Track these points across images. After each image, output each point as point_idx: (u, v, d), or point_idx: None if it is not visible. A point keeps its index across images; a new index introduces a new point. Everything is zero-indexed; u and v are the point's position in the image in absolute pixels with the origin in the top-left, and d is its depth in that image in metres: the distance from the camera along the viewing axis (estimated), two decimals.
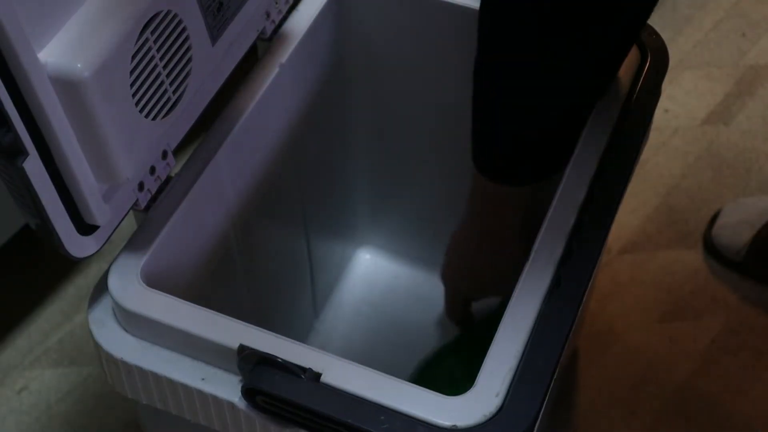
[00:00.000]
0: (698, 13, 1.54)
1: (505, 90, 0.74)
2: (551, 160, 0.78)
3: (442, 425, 0.63)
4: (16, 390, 1.17)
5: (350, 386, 0.65)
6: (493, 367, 0.66)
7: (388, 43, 0.96)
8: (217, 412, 0.69)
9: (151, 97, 0.68)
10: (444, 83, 0.95)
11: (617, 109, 0.80)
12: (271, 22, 0.86)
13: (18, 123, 0.60)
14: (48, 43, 0.62)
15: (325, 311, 1.15)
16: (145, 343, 0.70)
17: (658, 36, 0.84)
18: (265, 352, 0.66)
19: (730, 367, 1.17)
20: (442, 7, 0.89)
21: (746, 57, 1.49)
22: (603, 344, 1.18)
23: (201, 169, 0.78)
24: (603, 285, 1.23)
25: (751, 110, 1.42)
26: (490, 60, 0.73)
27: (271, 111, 0.86)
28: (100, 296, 0.73)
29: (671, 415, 1.13)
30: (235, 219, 0.87)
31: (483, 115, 0.77)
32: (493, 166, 0.80)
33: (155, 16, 0.66)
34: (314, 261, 1.08)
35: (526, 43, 0.69)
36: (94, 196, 0.67)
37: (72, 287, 1.25)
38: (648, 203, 1.31)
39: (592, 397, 1.15)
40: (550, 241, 0.72)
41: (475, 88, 0.75)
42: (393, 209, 1.14)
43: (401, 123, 1.03)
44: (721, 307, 1.22)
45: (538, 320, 0.68)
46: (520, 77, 0.72)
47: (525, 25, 0.68)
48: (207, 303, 0.71)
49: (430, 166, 1.06)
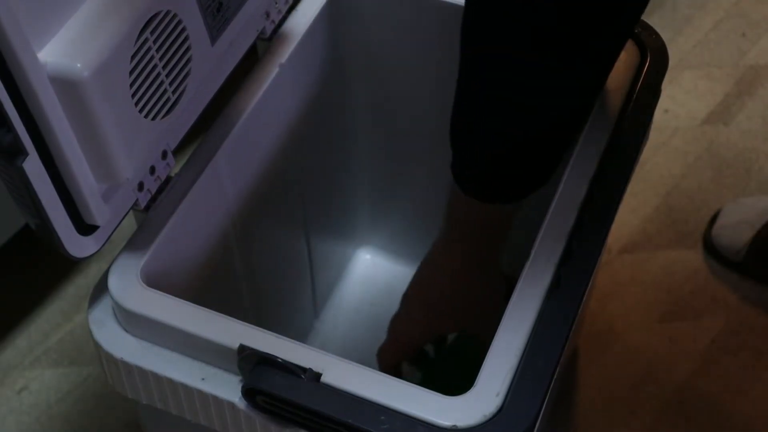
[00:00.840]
0: (698, 13, 1.54)
1: (490, 82, 0.71)
2: (537, 168, 0.76)
3: (442, 425, 0.63)
4: (16, 390, 1.17)
5: (350, 386, 0.65)
6: (493, 367, 0.66)
7: (388, 43, 0.95)
8: (218, 412, 0.69)
9: (151, 97, 0.68)
10: (444, 83, 0.95)
11: (617, 109, 0.80)
12: (271, 22, 0.86)
13: (18, 123, 0.60)
14: (48, 43, 0.62)
15: (325, 311, 1.15)
16: (145, 343, 0.70)
17: (658, 36, 0.84)
18: (265, 352, 0.66)
19: (730, 367, 1.17)
20: (442, 7, 0.89)
21: (746, 57, 1.49)
22: (603, 344, 1.18)
23: (201, 169, 0.78)
24: (603, 285, 1.23)
25: (751, 110, 1.42)
26: (474, 52, 0.72)
27: (271, 111, 0.86)
28: (100, 296, 0.73)
29: (671, 415, 1.13)
30: (235, 219, 0.87)
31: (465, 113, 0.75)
32: (475, 179, 0.77)
33: (155, 16, 0.66)
34: (314, 261, 1.08)
35: (515, 38, 0.68)
36: (93, 196, 0.67)
37: (72, 287, 1.25)
38: (648, 203, 1.31)
39: (592, 397, 1.15)
40: (550, 241, 0.72)
41: (459, 84, 0.73)
42: (393, 209, 1.14)
43: (401, 123, 1.03)
44: (721, 307, 1.22)
45: (538, 320, 0.68)
46: (507, 71, 0.70)
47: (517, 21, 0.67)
48: (207, 303, 0.71)
49: (430, 166, 1.06)
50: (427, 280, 0.85)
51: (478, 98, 0.73)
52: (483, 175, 0.77)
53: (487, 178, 0.77)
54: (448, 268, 0.84)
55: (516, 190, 0.77)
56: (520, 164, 0.76)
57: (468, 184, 0.78)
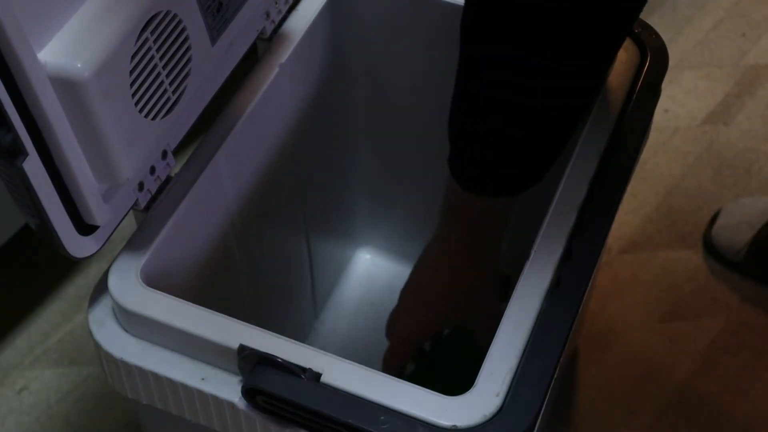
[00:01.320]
0: (698, 13, 1.54)
1: (489, 81, 0.71)
2: (535, 164, 0.76)
3: (442, 425, 0.63)
4: (16, 390, 1.17)
5: (350, 386, 0.65)
6: (493, 367, 0.66)
7: (388, 43, 0.95)
8: (217, 412, 0.69)
9: (151, 97, 0.68)
10: (444, 83, 0.95)
11: (617, 109, 0.80)
12: (271, 22, 0.86)
13: (18, 123, 0.60)
14: (48, 43, 0.62)
15: (325, 311, 1.15)
16: (145, 343, 0.70)
17: (658, 36, 0.84)
18: (265, 352, 0.66)
19: (730, 367, 1.17)
20: (442, 7, 0.89)
21: (746, 57, 1.49)
22: (603, 344, 1.18)
23: (201, 169, 0.78)
24: (603, 285, 1.23)
25: (751, 110, 1.42)
26: (473, 52, 0.72)
27: (271, 111, 0.86)
28: (100, 296, 0.73)
29: (671, 415, 1.13)
30: (235, 219, 0.87)
31: (465, 111, 0.75)
32: (472, 174, 0.78)
33: (155, 16, 0.66)
34: (314, 261, 1.08)
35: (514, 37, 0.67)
36: (94, 196, 0.67)
37: (72, 287, 1.25)
38: (648, 203, 1.31)
39: (592, 397, 1.15)
40: (550, 241, 0.72)
41: (458, 81, 0.73)
42: (393, 209, 1.14)
43: (401, 123, 1.03)
44: (721, 307, 1.22)
45: (538, 320, 0.68)
46: (506, 70, 0.70)
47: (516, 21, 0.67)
48: (207, 303, 0.71)
49: (430, 167, 1.06)
50: (424, 277, 0.86)
51: (477, 97, 0.73)
52: (480, 171, 0.77)
53: (484, 174, 0.77)
54: (444, 264, 0.84)
55: (514, 185, 0.78)
56: (518, 161, 0.76)
57: (465, 178, 0.78)
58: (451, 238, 0.83)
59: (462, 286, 0.84)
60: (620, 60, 0.82)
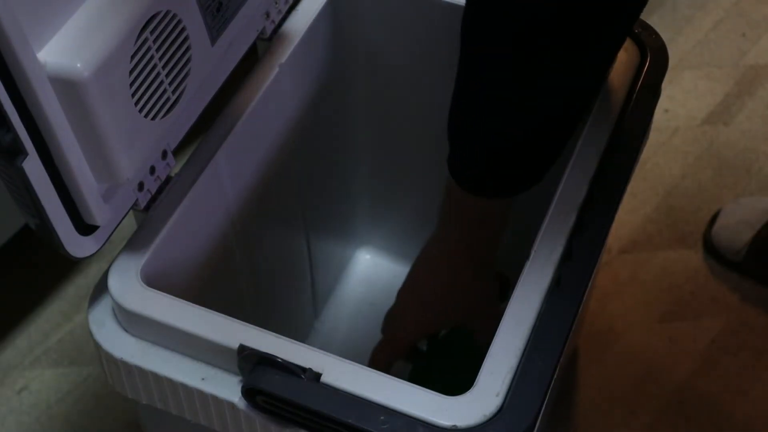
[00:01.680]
0: (698, 13, 1.54)
1: (490, 81, 0.71)
2: (534, 164, 0.76)
3: (442, 425, 0.63)
4: (16, 390, 1.17)
5: (350, 386, 0.65)
6: (493, 367, 0.66)
7: (388, 43, 0.95)
8: (217, 412, 0.69)
9: (151, 97, 0.68)
10: (444, 83, 0.95)
11: (617, 109, 0.80)
12: (271, 22, 0.86)
13: (17, 123, 0.60)
14: (47, 43, 0.62)
15: (325, 311, 1.15)
16: (145, 343, 0.70)
17: (658, 36, 0.84)
18: (265, 352, 0.66)
19: (730, 367, 1.17)
20: (442, 7, 0.89)
21: (746, 57, 1.49)
22: (603, 344, 1.18)
23: (201, 169, 0.78)
24: (603, 285, 1.23)
25: (751, 110, 1.42)
26: (474, 51, 0.72)
27: (271, 111, 0.86)
28: (100, 296, 0.73)
29: (671, 415, 1.13)
30: (235, 219, 0.87)
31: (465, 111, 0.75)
32: (471, 173, 0.78)
33: (155, 16, 0.66)
34: (314, 261, 1.08)
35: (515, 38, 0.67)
36: (93, 196, 0.67)
37: (72, 287, 1.25)
38: (648, 203, 1.31)
39: (592, 397, 1.15)
40: (550, 241, 0.72)
41: (458, 81, 0.73)
42: (393, 209, 1.14)
43: (401, 123, 1.03)
44: (721, 307, 1.22)
45: (538, 320, 0.68)
46: (506, 70, 0.70)
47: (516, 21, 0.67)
48: (207, 303, 0.71)
49: (430, 167, 1.06)
50: (422, 276, 0.86)
51: (477, 97, 0.73)
52: (480, 171, 0.77)
53: (484, 174, 0.77)
54: (443, 264, 0.84)
55: (514, 185, 0.78)
56: (518, 161, 0.76)
57: (465, 178, 0.78)
58: (451, 238, 0.82)
59: (461, 286, 0.84)
60: (620, 60, 0.82)
